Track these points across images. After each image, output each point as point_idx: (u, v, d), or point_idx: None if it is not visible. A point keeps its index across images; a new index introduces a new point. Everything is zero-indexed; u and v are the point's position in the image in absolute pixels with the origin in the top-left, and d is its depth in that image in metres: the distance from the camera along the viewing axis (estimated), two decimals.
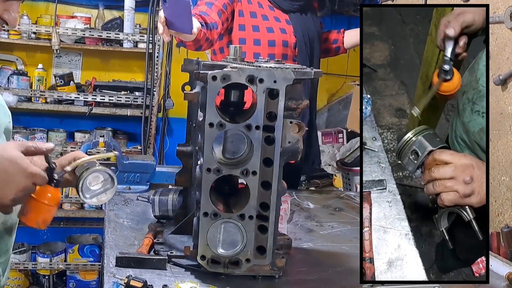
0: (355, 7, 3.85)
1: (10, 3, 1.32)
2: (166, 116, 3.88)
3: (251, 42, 2.33)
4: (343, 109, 4.05)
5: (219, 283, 1.42)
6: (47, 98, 3.53)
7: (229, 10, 2.31)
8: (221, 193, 1.54)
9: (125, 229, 1.81)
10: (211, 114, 1.36)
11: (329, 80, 4.00)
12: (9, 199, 1.17)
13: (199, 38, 2.06)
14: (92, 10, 3.73)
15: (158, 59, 3.68)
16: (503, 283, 1.59)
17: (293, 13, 2.44)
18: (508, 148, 1.97)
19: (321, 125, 4.09)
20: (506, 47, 1.99)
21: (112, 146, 1.72)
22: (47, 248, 3.73)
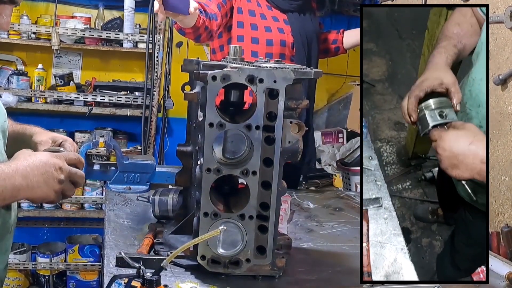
0: (355, 7, 3.85)
1: (3, 7, 1.31)
2: (166, 116, 3.88)
3: (249, 40, 2.34)
4: (343, 109, 4.05)
5: (219, 283, 1.42)
6: (47, 98, 3.53)
7: (228, 6, 2.32)
8: (221, 193, 1.54)
9: (125, 229, 1.81)
10: (211, 114, 1.36)
11: (329, 80, 4.00)
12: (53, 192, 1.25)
13: (198, 25, 2.05)
14: (92, 10, 3.72)
15: (158, 59, 3.68)
16: (503, 283, 1.59)
17: (291, 13, 2.44)
18: (507, 148, 1.97)
19: (321, 125, 4.09)
20: (506, 47, 1.99)
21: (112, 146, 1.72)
22: (47, 248, 3.73)
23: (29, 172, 1.22)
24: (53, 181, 1.25)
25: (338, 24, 3.62)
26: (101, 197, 3.64)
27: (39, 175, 1.23)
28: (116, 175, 1.76)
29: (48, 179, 1.24)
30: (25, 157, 1.25)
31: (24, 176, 1.21)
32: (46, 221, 3.81)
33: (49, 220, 3.80)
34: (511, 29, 1.96)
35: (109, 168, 1.77)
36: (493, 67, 2.02)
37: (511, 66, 1.97)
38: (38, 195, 1.24)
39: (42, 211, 3.60)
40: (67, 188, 1.28)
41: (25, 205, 3.54)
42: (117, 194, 2.08)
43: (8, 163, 1.23)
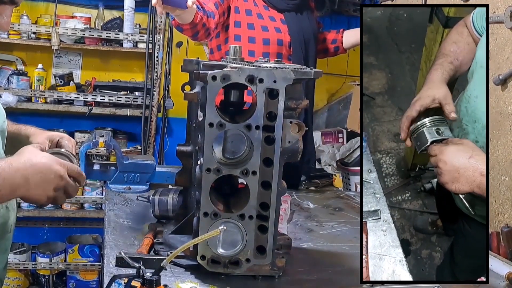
0: (355, 7, 3.85)
1: (3, 7, 1.33)
2: (166, 116, 3.88)
3: (246, 40, 2.34)
4: (343, 109, 4.05)
5: (219, 283, 1.42)
6: (47, 98, 3.53)
7: (226, 5, 2.32)
8: (221, 193, 1.54)
9: (125, 229, 1.81)
10: (211, 114, 1.36)
11: (329, 80, 4.00)
12: (46, 197, 1.27)
13: (195, 21, 2.05)
14: (92, 10, 3.72)
15: (158, 59, 3.68)
16: (503, 283, 1.59)
17: (288, 12, 2.45)
18: (507, 148, 1.97)
19: (321, 125, 4.09)
20: (506, 47, 1.99)
21: (112, 146, 1.72)
22: (47, 248, 3.73)
23: (30, 173, 1.23)
24: (49, 186, 1.26)
25: (338, 24, 3.62)
26: (101, 197, 3.64)
27: (38, 178, 1.24)
28: (116, 175, 1.76)
29: (46, 183, 1.26)
30: (30, 156, 1.26)
31: (24, 176, 1.22)
32: (46, 221, 3.81)
33: (49, 220, 3.80)
34: (511, 29, 1.96)
35: (109, 168, 1.76)
36: (493, 67, 2.02)
37: (511, 66, 1.97)
38: (32, 196, 1.26)
39: (42, 211, 3.59)
40: (59, 197, 1.30)
41: (25, 205, 3.53)
42: (117, 194, 2.09)
43: (10, 161, 1.23)
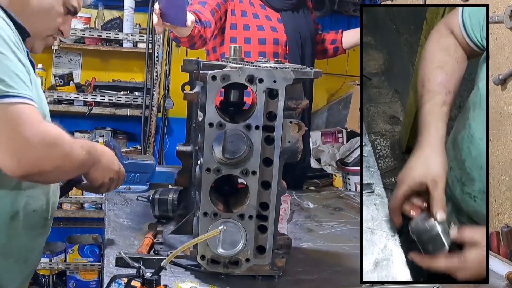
0: (355, 7, 3.85)
1: (67, 17, 1.50)
2: (166, 116, 3.89)
3: (242, 41, 2.35)
4: (343, 109, 4.05)
5: (219, 283, 1.42)
6: (47, 98, 3.51)
7: (223, 10, 2.33)
8: (221, 193, 1.54)
9: (125, 229, 1.81)
10: (211, 114, 1.36)
11: (329, 80, 4.00)
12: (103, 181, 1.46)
13: (193, 34, 2.07)
14: (92, 10, 3.72)
15: (158, 59, 3.69)
16: (503, 282, 1.59)
17: (284, 12, 2.46)
18: (507, 147, 1.97)
19: (321, 125, 4.09)
20: (506, 47, 1.99)
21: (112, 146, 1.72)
22: (47, 248, 3.72)
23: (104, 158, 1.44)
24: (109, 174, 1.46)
25: (338, 24, 3.62)
26: (101, 197, 3.63)
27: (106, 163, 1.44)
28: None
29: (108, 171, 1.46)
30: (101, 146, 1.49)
31: (102, 157, 1.42)
32: None
33: None
34: (511, 29, 1.96)
35: None
36: (493, 67, 2.02)
37: (511, 66, 1.97)
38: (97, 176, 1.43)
39: None
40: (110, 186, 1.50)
41: None
42: (117, 194, 2.09)
43: (100, 146, 1.48)
